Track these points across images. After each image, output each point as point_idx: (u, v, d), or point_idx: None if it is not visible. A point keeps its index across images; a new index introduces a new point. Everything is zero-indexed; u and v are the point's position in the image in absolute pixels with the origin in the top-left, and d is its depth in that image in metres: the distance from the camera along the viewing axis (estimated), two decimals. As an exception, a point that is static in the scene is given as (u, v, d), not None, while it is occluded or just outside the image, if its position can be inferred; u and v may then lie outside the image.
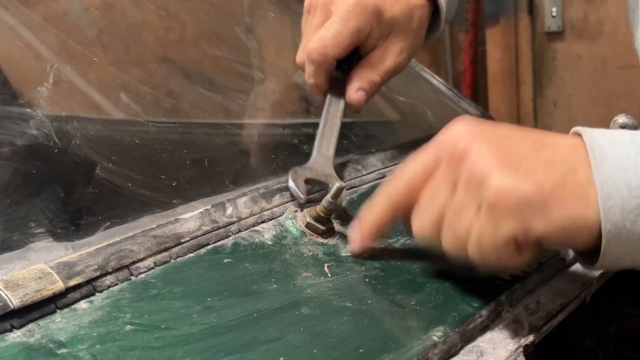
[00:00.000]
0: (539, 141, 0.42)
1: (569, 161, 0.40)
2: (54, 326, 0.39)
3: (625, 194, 0.38)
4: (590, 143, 0.40)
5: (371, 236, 0.48)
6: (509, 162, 0.40)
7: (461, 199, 0.41)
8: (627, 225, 0.38)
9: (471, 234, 0.41)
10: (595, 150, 0.39)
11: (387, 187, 0.47)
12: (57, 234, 0.46)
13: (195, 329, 0.39)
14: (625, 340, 0.51)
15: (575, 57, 2.07)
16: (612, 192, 0.38)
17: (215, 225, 0.50)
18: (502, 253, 0.41)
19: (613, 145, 0.40)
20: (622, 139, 0.40)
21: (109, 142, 0.57)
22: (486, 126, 0.44)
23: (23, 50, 0.65)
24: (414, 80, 0.90)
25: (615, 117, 0.66)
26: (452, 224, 0.42)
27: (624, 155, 0.39)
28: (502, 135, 0.43)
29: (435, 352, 0.39)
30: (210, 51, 0.82)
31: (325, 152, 0.59)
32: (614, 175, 0.38)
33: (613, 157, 0.39)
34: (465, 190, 0.41)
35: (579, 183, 0.39)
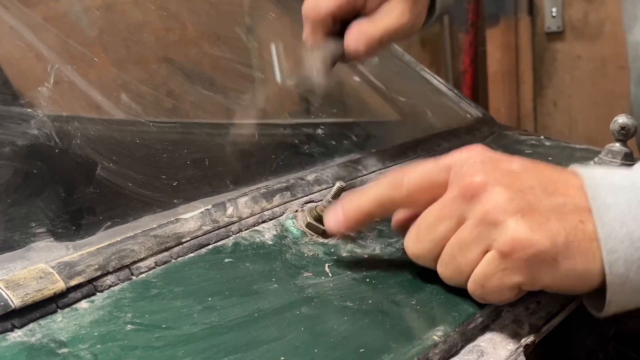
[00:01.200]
0: (550, 183, 0.42)
1: (577, 210, 0.40)
2: (55, 326, 0.39)
3: (628, 246, 0.39)
4: (592, 192, 0.40)
5: (350, 221, 0.47)
6: (524, 208, 0.40)
7: (469, 235, 0.42)
8: (631, 275, 0.39)
9: (476, 272, 0.42)
10: (597, 201, 0.40)
11: (383, 183, 0.47)
12: (58, 234, 0.46)
13: (196, 329, 0.39)
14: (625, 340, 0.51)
15: (575, 57, 2.07)
16: (616, 245, 0.39)
17: (216, 225, 0.50)
18: (503, 295, 0.42)
19: (614, 195, 0.40)
20: (622, 186, 0.40)
21: (110, 142, 0.57)
22: (500, 163, 0.43)
23: (24, 51, 0.65)
24: (414, 80, 0.90)
25: (616, 117, 0.66)
26: (455, 256, 0.43)
27: (626, 206, 0.39)
28: (515, 175, 0.42)
29: (435, 351, 0.39)
30: (210, 51, 0.82)
31: None
32: (617, 228, 0.39)
33: (615, 208, 0.39)
34: (475, 228, 0.41)
35: (586, 236, 0.39)
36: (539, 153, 0.76)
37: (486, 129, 0.82)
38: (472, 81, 2.16)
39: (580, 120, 2.10)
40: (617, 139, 0.67)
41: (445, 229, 0.43)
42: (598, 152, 0.70)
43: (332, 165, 0.63)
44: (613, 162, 0.67)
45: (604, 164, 0.68)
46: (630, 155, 0.67)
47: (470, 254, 0.42)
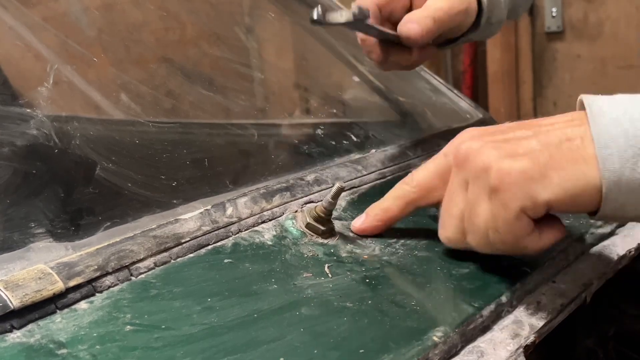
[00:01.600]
0: (539, 125, 0.44)
1: (564, 132, 0.42)
2: (54, 326, 0.38)
3: (622, 142, 0.39)
4: (589, 102, 0.42)
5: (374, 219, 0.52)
6: (507, 150, 0.43)
7: (473, 194, 0.44)
8: (626, 172, 0.39)
9: (488, 221, 0.43)
10: (592, 108, 0.41)
11: (398, 189, 0.52)
12: (57, 234, 0.46)
13: (195, 329, 0.39)
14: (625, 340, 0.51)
15: (575, 57, 2.07)
16: (609, 142, 0.40)
17: (216, 226, 0.50)
18: (517, 230, 0.43)
19: (611, 104, 0.41)
20: (621, 98, 0.42)
21: (109, 142, 0.57)
22: (488, 128, 0.46)
23: (23, 51, 0.65)
24: (414, 80, 0.90)
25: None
26: (472, 219, 0.45)
27: (621, 110, 0.40)
28: (502, 130, 0.45)
29: (435, 352, 0.39)
30: (210, 51, 0.82)
31: None
32: (611, 128, 0.40)
33: (610, 113, 0.41)
34: (474, 185, 0.44)
35: (574, 147, 0.41)
36: (539, 153, 0.76)
37: (486, 129, 0.81)
38: (472, 81, 2.16)
39: (580, 120, 2.10)
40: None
41: (459, 203, 0.46)
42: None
43: (331, 166, 0.63)
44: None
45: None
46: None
47: (480, 209, 0.44)
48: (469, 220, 0.45)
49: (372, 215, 0.52)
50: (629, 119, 0.40)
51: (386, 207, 0.52)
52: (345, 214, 0.56)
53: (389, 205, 0.52)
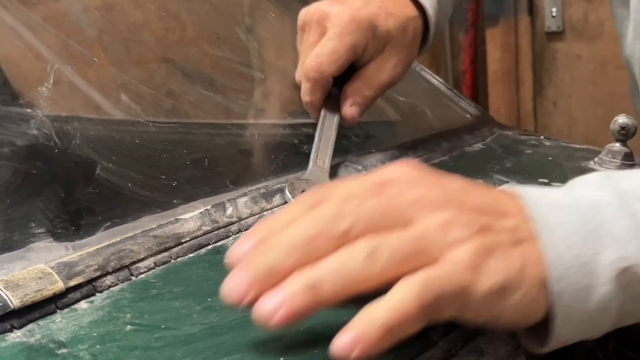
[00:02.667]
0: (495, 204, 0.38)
1: (523, 233, 0.37)
2: (54, 326, 0.39)
3: (576, 272, 0.35)
4: (535, 211, 0.37)
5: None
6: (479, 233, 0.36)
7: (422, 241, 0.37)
8: (578, 305, 0.36)
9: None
10: (542, 221, 0.37)
11: None
12: (57, 234, 0.46)
13: (195, 329, 0.39)
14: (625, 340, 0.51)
15: (575, 57, 2.07)
16: (564, 271, 0.35)
17: (216, 226, 0.50)
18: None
19: (557, 214, 0.37)
20: (564, 205, 0.37)
21: (109, 142, 0.57)
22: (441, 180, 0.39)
23: (23, 51, 0.65)
24: (414, 80, 0.90)
25: (616, 117, 0.66)
26: None
27: (570, 226, 0.36)
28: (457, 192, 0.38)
29: (435, 351, 0.39)
30: (210, 51, 0.82)
31: (321, 165, 0.59)
32: (564, 252, 0.36)
33: (560, 228, 0.36)
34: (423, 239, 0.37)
35: (533, 261, 0.36)
36: (539, 153, 0.76)
37: (486, 129, 0.82)
38: (472, 81, 2.16)
39: (580, 120, 2.10)
40: (617, 139, 0.67)
41: None
42: (598, 152, 0.70)
43: (331, 165, 0.63)
44: (613, 162, 0.67)
45: (604, 164, 0.68)
46: (630, 155, 0.67)
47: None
48: None
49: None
50: (580, 238, 0.36)
51: None
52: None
53: None
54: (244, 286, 0.34)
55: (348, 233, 0.34)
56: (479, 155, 0.74)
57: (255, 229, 0.37)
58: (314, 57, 0.62)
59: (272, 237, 0.35)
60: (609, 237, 0.36)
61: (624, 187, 0.39)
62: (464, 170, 0.67)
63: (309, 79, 0.63)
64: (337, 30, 0.62)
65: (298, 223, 0.35)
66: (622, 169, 0.67)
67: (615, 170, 0.41)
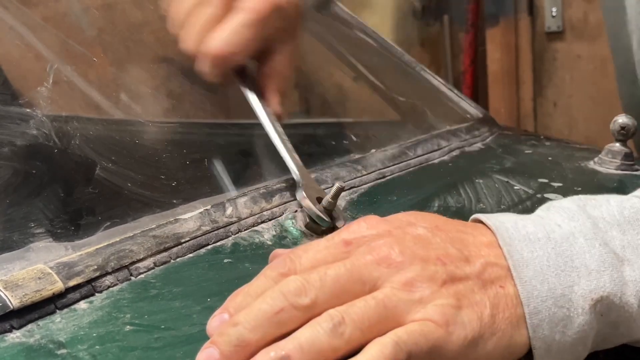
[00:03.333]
0: (463, 246, 0.38)
1: (496, 273, 0.37)
2: (53, 326, 0.38)
3: (551, 304, 0.36)
4: (507, 248, 0.37)
5: None
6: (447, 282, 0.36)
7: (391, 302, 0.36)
8: (557, 337, 0.36)
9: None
10: (514, 256, 0.37)
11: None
12: (56, 234, 0.46)
13: (195, 329, 0.39)
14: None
15: (575, 57, 2.07)
16: (539, 305, 0.36)
17: (215, 226, 0.50)
18: None
19: (530, 249, 0.37)
20: (537, 238, 0.38)
21: (109, 142, 0.57)
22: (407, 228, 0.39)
23: (23, 50, 0.65)
24: (414, 80, 0.90)
25: (615, 117, 0.66)
26: None
27: (544, 260, 0.37)
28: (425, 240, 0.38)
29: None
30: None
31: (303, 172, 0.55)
32: (538, 286, 0.36)
33: (533, 263, 0.37)
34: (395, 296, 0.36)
35: (509, 301, 0.36)
36: (539, 153, 0.76)
37: (486, 129, 0.82)
38: (472, 81, 2.16)
39: (580, 120, 2.11)
40: (617, 139, 0.67)
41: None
42: (598, 152, 0.70)
43: (331, 166, 0.63)
44: (613, 162, 0.67)
45: (604, 164, 0.68)
46: (630, 155, 0.67)
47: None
48: None
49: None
50: (554, 273, 0.36)
51: None
52: (345, 214, 0.55)
53: None
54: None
55: (313, 305, 0.35)
56: (479, 155, 0.74)
57: (227, 302, 0.37)
58: (223, 42, 0.55)
59: (240, 312, 0.35)
60: (583, 269, 0.37)
61: (597, 215, 0.39)
62: (464, 170, 0.67)
63: (215, 63, 0.57)
64: (252, 16, 0.56)
65: (264, 297, 0.35)
66: (621, 169, 0.67)
67: (590, 196, 0.42)
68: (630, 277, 0.37)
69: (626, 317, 0.38)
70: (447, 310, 0.35)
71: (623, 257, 0.38)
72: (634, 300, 0.37)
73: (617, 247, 0.38)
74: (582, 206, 0.40)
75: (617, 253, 0.38)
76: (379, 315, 0.34)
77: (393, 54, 0.92)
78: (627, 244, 0.38)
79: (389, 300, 0.35)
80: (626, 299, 0.37)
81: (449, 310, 0.35)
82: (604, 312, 0.37)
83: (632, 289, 0.37)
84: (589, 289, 0.37)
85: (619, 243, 0.38)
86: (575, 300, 0.36)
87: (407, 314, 0.35)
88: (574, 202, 0.41)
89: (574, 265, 0.37)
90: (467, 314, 0.35)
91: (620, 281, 0.37)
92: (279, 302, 0.35)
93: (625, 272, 0.37)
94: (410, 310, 0.35)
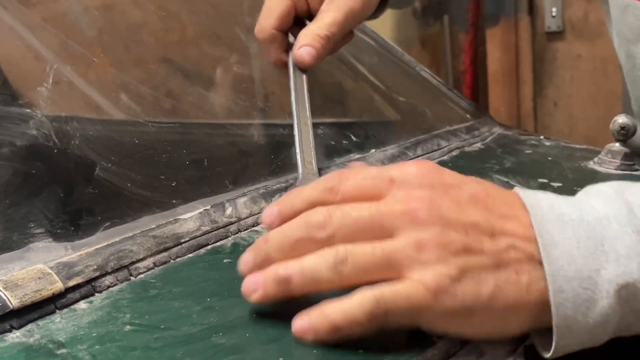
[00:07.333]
0: (497, 219, 0.38)
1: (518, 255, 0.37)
2: (53, 326, 0.39)
3: (577, 285, 0.36)
4: (539, 227, 0.37)
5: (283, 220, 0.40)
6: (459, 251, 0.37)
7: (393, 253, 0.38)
8: (579, 317, 0.37)
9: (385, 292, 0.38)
10: (544, 236, 0.37)
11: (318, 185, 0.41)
12: (56, 234, 0.46)
13: (195, 329, 0.39)
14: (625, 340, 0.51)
15: (576, 57, 2.07)
16: (564, 285, 0.36)
17: (215, 226, 0.50)
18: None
19: (562, 230, 0.37)
20: (570, 219, 0.38)
21: (109, 143, 0.57)
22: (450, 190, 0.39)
23: (23, 51, 0.65)
24: (414, 80, 0.90)
25: (615, 117, 0.66)
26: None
27: (574, 242, 0.37)
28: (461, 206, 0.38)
29: (434, 352, 0.39)
30: (210, 51, 0.82)
31: (310, 167, 0.56)
32: (565, 266, 0.36)
33: (562, 244, 0.37)
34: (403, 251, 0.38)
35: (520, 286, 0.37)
36: (539, 153, 0.76)
37: (486, 129, 0.82)
38: (472, 81, 2.16)
39: (581, 120, 2.10)
40: (617, 139, 0.67)
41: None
42: (598, 152, 0.70)
43: (331, 166, 0.63)
44: (613, 162, 0.67)
45: (603, 164, 0.68)
46: (630, 155, 0.67)
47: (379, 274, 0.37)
48: None
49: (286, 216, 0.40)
50: (582, 255, 0.37)
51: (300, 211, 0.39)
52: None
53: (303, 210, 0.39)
54: (248, 265, 0.40)
55: (330, 239, 0.38)
56: (479, 155, 0.74)
57: (282, 198, 0.42)
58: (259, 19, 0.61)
59: (274, 231, 0.40)
60: (612, 253, 0.37)
61: (634, 201, 0.39)
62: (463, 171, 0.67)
63: (259, 40, 0.61)
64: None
65: (291, 223, 0.39)
66: (621, 169, 0.67)
67: (630, 182, 0.42)
68: None
69: None
70: (442, 279, 0.36)
71: None
72: None
73: None
74: (620, 191, 0.40)
75: None
76: (381, 265, 0.36)
77: (393, 54, 0.92)
78: None
79: (395, 253, 0.36)
80: None
81: (445, 280, 0.36)
82: (630, 298, 0.37)
83: None
84: (615, 273, 0.36)
85: None
86: (601, 283, 0.36)
87: (407, 271, 0.36)
88: (612, 187, 0.41)
89: (604, 250, 0.37)
90: (464, 288, 0.36)
91: None
92: (300, 232, 0.39)
93: None
94: (411, 269, 0.36)
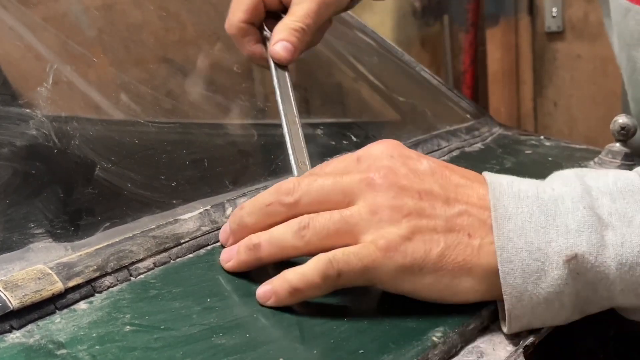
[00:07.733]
0: (453, 189, 0.41)
1: (471, 222, 0.40)
2: (53, 327, 0.38)
3: (526, 256, 0.38)
4: (495, 201, 0.40)
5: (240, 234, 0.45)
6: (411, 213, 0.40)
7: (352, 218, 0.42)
8: (529, 288, 0.38)
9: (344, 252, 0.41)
10: (498, 210, 0.39)
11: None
12: (56, 235, 0.46)
13: (194, 330, 0.39)
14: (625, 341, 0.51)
15: (576, 57, 2.07)
16: (512, 255, 0.38)
17: (215, 226, 0.50)
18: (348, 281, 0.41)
19: (517, 204, 0.39)
20: (526, 196, 0.40)
21: (109, 143, 0.57)
22: (409, 161, 0.43)
23: (23, 51, 0.65)
24: (414, 80, 0.90)
25: (615, 117, 0.66)
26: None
27: (527, 216, 0.39)
28: (419, 175, 0.42)
29: (435, 352, 0.39)
30: (210, 51, 0.82)
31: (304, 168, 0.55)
32: (515, 238, 0.38)
33: (515, 218, 0.39)
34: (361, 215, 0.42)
35: (469, 251, 0.39)
36: (539, 153, 0.76)
37: (486, 129, 0.82)
38: (472, 81, 2.16)
39: (581, 120, 2.10)
40: (617, 139, 0.67)
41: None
42: (598, 152, 0.70)
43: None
44: (613, 162, 0.67)
45: (604, 164, 0.68)
46: (630, 155, 0.67)
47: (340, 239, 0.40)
48: None
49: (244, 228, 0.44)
50: (533, 228, 0.39)
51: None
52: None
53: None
54: (225, 232, 0.46)
55: (296, 204, 0.41)
56: (479, 155, 0.74)
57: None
58: None
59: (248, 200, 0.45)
60: (563, 227, 0.39)
61: (592, 184, 0.41)
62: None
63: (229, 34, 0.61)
64: None
65: (263, 192, 0.44)
66: (622, 169, 0.67)
67: (593, 170, 0.43)
68: (611, 241, 0.38)
69: (602, 278, 0.38)
70: (392, 238, 0.39)
71: (608, 223, 0.39)
72: (612, 263, 0.38)
73: (605, 213, 0.39)
74: (580, 176, 0.42)
75: (603, 218, 0.39)
76: (339, 229, 0.40)
77: (393, 54, 0.92)
78: (614, 211, 0.39)
79: (351, 217, 0.40)
80: (603, 259, 0.38)
81: (395, 239, 0.39)
82: (580, 271, 0.38)
83: (611, 252, 0.38)
84: (565, 245, 0.38)
85: (607, 210, 0.39)
86: (551, 255, 0.38)
87: (362, 234, 0.40)
88: (574, 171, 0.43)
89: (555, 224, 0.39)
90: (414, 246, 0.39)
91: (599, 242, 0.38)
92: (271, 197, 0.42)
93: (607, 236, 0.38)
94: (365, 232, 0.40)
